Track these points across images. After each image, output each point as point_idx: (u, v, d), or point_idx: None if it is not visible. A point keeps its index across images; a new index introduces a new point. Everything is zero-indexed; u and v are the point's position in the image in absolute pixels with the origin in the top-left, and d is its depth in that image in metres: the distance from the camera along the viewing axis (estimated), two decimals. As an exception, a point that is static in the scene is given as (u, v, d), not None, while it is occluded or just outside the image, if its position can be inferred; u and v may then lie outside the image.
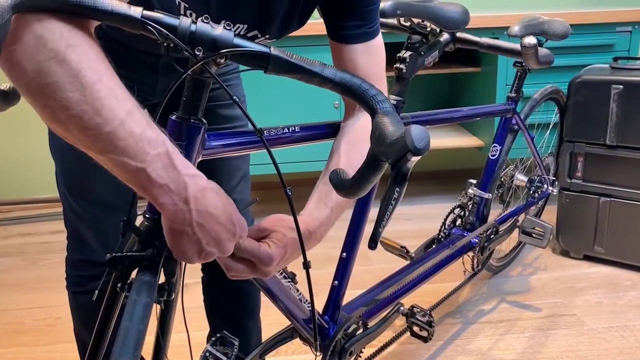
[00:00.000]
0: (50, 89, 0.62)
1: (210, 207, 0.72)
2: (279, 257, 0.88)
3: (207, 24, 0.73)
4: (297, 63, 0.78)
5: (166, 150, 0.68)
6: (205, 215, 0.71)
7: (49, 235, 2.64)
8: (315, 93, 0.93)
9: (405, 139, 0.73)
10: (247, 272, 0.88)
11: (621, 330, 1.86)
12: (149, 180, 0.67)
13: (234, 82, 1.24)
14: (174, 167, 0.68)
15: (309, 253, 0.89)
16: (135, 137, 0.65)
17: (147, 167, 0.66)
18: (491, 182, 1.90)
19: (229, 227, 0.75)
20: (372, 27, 1.01)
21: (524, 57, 1.56)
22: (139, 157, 0.66)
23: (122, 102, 0.65)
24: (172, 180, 0.68)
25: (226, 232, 0.74)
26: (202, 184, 0.72)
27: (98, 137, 0.64)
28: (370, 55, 1.02)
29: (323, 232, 0.98)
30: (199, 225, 0.71)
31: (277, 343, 1.27)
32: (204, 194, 0.71)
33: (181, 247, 0.73)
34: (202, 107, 0.79)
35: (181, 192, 0.69)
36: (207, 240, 0.73)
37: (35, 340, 1.89)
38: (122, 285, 0.81)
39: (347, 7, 0.98)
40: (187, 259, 0.75)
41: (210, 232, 0.73)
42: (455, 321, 1.94)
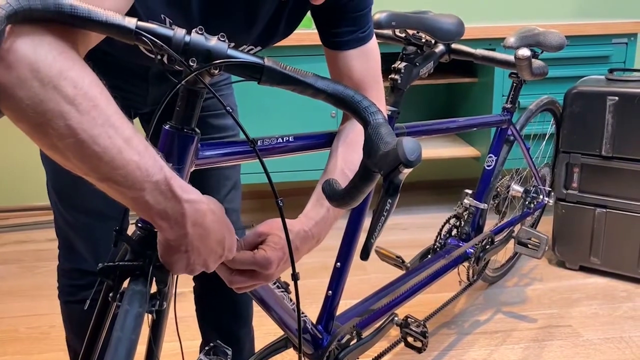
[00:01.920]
0: (47, 117, 0.61)
1: (206, 233, 0.73)
2: (278, 260, 0.89)
3: (201, 35, 0.74)
4: (290, 74, 0.79)
5: (164, 176, 0.68)
6: (201, 238, 0.73)
7: (45, 243, 2.64)
8: (312, 103, 0.93)
9: (398, 151, 0.73)
10: (250, 281, 0.90)
11: (617, 341, 1.86)
12: (147, 206, 0.68)
13: (226, 92, 1.25)
14: (172, 194, 0.69)
15: (307, 257, 0.89)
16: (133, 165, 0.65)
17: (146, 195, 0.67)
18: (487, 192, 1.90)
19: (219, 250, 0.77)
20: (365, 32, 1.01)
21: (517, 69, 1.57)
22: (137, 185, 0.66)
23: (120, 129, 0.65)
24: (169, 207, 0.69)
25: (214, 256, 0.77)
26: (201, 208, 0.72)
27: (97, 166, 0.64)
28: (365, 60, 1.02)
29: (320, 232, 0.98)
30: (193, 246, 0.73)
31: (271, 353, 1.27)
32: (203, 218, 0.72)
33: (171, 259, 0.75)
34: (196, 117, 0.80)
35: (178, 218, 0.70)
36: (195, 258, 0.75)
37: (29, 349, 1.89)
38: (114, 295, 0.80)
39: (339, 14, 0.98)
40: (173, 270, 0.77)
41: (202, 255, 0.75)
42: (451, 332, 1.94)
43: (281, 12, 0.96)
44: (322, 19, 1.00)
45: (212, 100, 1.18)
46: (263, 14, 0.94)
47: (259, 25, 0.96)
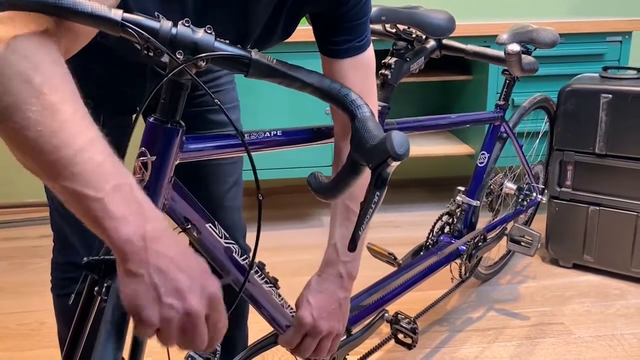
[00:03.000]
0: (10, 111, 0.59)
1: (170, 251, 0.62)
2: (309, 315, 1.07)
3: (187, 28, 0.73)
4: (277, 67, 0.79)
5: (129, 182, 0.62)
6: (164, 258, 0.61)
7: (37, 240, 2.62)
8: (306, 99, 0.92)
9: (386, 144, 0.73)
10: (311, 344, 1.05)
11: (608, 339, 1.86)
12: (105, 212, 0.60)
13: (227, 87, 1.23)
14: (135, 201, 0.62)
15: (297, 255, 0.88)
16: (94, 164, 0.60)
17: (105, 197, 0.60)
18: (479, 189, 1.90)
19: (192, 276, 0.62)
20: (361, 41, 1.00)
21: (507, 64, 1.56)
22: (98, 185, 0.60)
23: (84, 128, 0.61)
24: (131, 212, 0.61)
25: (188, 282, 0.62)
26: (162, 224, 0.64)
27: (54, 162, 0.59)
28: (359, 70, 1.01)
29: (339, 266, 1.11)
30: (156, 269, 0.60)
31: (260, 349, 1.26)
32: (167, 236, 0.63)
33: (135, 297, 0.61)
34: (180, 109, 0.79)
35: (139, 228, 0.60)
36: (165, 288, 0.61)
37: (19, 345, 1.88)
38: (99, 289, 0.80)
39: (336, 22, 0.97)
40: (143, 315, 0.61)
41: (170, 280, 0.61)
42: (443, 329, 1.93)
43: (279, 13, 0.96)
44: (320, 26, 1.00)
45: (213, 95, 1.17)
46: (260, 17, 0.94)
47: (256, 28, 0.95)
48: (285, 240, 2.59)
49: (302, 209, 2.94)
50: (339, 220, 1.10)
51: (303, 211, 2.92)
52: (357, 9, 0.97)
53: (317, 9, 0.97)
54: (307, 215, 2.89)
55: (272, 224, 2.75)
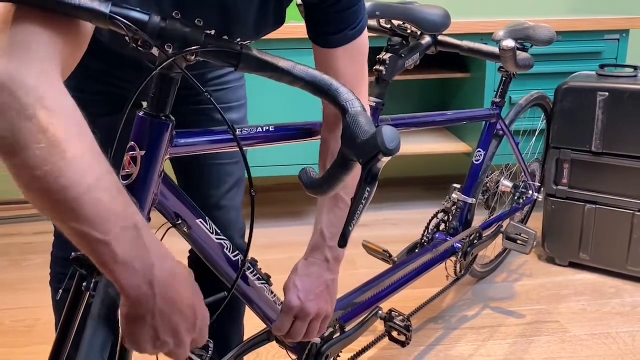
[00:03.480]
0: (16, 148, 0.58)
1: (176, 295, 0.65)
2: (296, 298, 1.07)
3: (177, 21, 0.72)
4: (268, 61, 0.78)
5: (135, 224, 0.62)
6: (169, 302, 0.64)
7: (32, 237, 2.62)
8: (303, 96, 0.92)
9: (377, 140, 0.72)
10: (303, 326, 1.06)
11: (604, 337, 1.86)
12: (112, 256, 0.60)
13: (235, 85, 1.21)
14: (142, 244, 0.62)
15: (291, 252, 0.88)
16: (102, 206, 0.59)
17: (112, 240, 0.60)
18: (475, 187, 1.90)
19: (190, 318, 0.68)
20: (354, 28, 0.98)
21: (502, 60, 1.56)
22: (104, 228, 0.59)
23: (92, 166, 0.60)
24: (138, 258, 0.61)
25: (185, 324, 0.67)
26: (171, 266, 0.65)
27: (62, 202, 0.59)
28: (352, 58, 1.00)
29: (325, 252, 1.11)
30: (160, 312, 0.64)
31: (253, 346, 1.25)
32: (173, 279, 0.65)
33: (136, 334, 0.66)
34: (170, 103, 0.78)
35: (147, 273, 0.62)
36: (164, 329, 0.66)
37: (13, 342, 1.87)
38: (87, 284, 0.79)
39: (327, 11, 0.95)
40: (140, 347, 0.67)
41: (170, 322, 0.65)
42: (438, 327, 1.93)
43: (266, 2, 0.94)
44: (311, 15, 0.97)
45: (218, 94, 1.16)
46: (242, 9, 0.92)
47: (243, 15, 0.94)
48: (279, 238, 2.59)
49: (296, 206, 2.93)
50: (326, 207, 1.09)
51: (297, 208, 2.91)
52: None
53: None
54: (301, 212, 2.88)
55: (266, 221, 2.75)
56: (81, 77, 1.00)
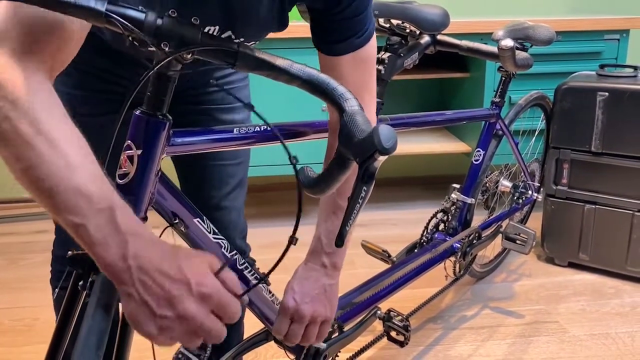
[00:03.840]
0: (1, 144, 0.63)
1: (153, 262, 0.64)
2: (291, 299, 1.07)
3: (173, 19, 0.72)
4: (264, 59, 0.77)
5: (109, 206, 0.64)
6: (147, 271, 0.63)
7: (31, 235, 2.61)
8: (302, 95, 0.91)
9: (374, 138, 0.72)
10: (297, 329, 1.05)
11: (603, 338, 1.86)
12: (89, 237, 0.63)
13: (238, 85, 1.21)
14: (115, 225, 0.63)
15: (291, 252, 0.88)
16: (77, 192, 0.62)
17: (87, 223, 0.62)
18: (474, 187, 1.89)
19: (180, 278, 0.64)
20: (361, 36, 0.96)
21: (501, 60, 1.56)
22: (79, 213, 0.62)
23: (65, 155, 0.63)
24: (112, 237, 0.63)
25: (177, 286, 0.64)
26: (144, 239, 0.65)
27: (43, 192, 0.63)
28: (358, 66, 0.98)
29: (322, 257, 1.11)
30: (141, 283, 0.63)
31: (252, 346, 1.25)
32: (146, 250, 0.64)
33: (133, 315, 0.65)
34: (167, 102, 0.78)
35: (121, 249, 0.63)
36: (156, 301, 0.63)
37: (12, 341, 1.87)
38: (84, 283, 0.79)
39: (333, 19, 0.93)
40: (143, 330, 0.65)
41: (157, 290, 0.63)
42: (437, 326, 1.93)
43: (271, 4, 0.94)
44: (316, 22, 0.96)
45: (222, 94, 1.15)
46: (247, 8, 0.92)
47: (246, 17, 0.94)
48: (280, 237, 2.56)
49: (295, 205, 2.92)
50: (324, 214, 1.10)
51: (296, 208, 2.90)
52: (354, 6, 0.92)
53: (313, 4, 0.93)
54: (303, 212, 2.88)
55: (267, 220, 2.74)
56: (82, 74, 1.00)
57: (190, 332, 0.65)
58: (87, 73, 1.01)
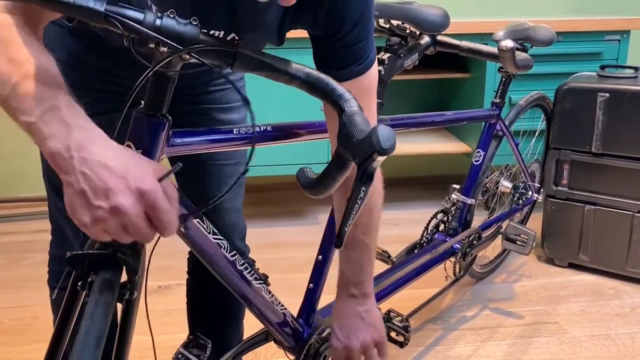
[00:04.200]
0: None
1: (96, 155, 0.66)
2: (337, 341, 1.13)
3: (172, 19, 0.72)
4: (264, 60, 0.77)
5: (57, 104, 0.68)
6: (89, 162, 0.66)
7: (32, 234, 2.62)
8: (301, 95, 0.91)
9: (372, 139, 0.72)
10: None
11: (603, 339, 1.86)
12: (40, 134, 0.67)
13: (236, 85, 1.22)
14: (61, 118, 0.68)
15: (291, 252, 0.88)
16: (28, 95, 0.68)
17: (38, 120, 0.67)
18: (474, 187, 1.89)
19: (120, 172, 0.66)
20: (361, 63, 0.95)
21: (501, 61, 1.56)
22: (30, 112, 0.68)
23: (21, 65, 0.69)
24: (59, 131, 0.67)
25: (116, 181, 0.66)
26: (89, 133, 0.68)
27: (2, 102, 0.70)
28: (358, 94, 0.98)
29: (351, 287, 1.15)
30: (82, 174, 0.66)
31: (251, 346, 1.26)
32: (90, 141, 0.67)
33: (69, 203, 0.68)
34: (167, 102, 0.78)
35: (65, 141, 0.66)
36: (93, 190, 0.66)
37: (12, 340, 1.87)
38: (83, 283, 0.79)
39: (333, 46, 0.93)
40: (78, 219, 0.68)
41: (96, 180, 0.66)
42: (437, 327, 1.93)
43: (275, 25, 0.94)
44: (317, 49, 0.96)
45: (220, 94, 1.15)
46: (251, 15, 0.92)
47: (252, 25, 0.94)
48: (280, 237, 2.58)
49: (296, 205, 2.93)
50: (346, 246, 1.11)
51: (297, 208, 2.91)
52: (355, 33, 0.91)
53: (313, 31, 0.93)
54: (302, 212, 2.88)
55: (266, 220, 2.75)
56: (80, 75, 1.00)
57: (122, 226, 0.67)
58: (84, 73, 1.01)
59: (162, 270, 1.17)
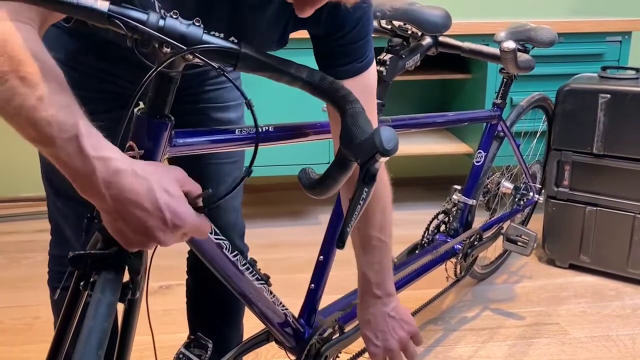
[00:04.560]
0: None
1: (126, 192, 0.67)
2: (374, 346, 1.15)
3: (175, 19, 0.72)
4: (266, 61, 0.78)
5: (75, 134, 0.66)
6: (122, 200, 0.67)
7: (32, 234, 2.62)
8: (302, 96, 0.91)
9: (375, 140, 0.72)
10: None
11: (604, 340, 1.86)
12: (64, 165, 0.67)
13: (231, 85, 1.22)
14: (81, 151, 0.66)
15: (293, 252, 0.89)
16: (44, 123, 0.65)
17: (58, 151, 0.66)
18: (475, 188, 1.89)
19: (155, 213, 0.69)
20: (362, 62, 0.97)
21: (503, 62, 1.56)
22: (49, 142, 0.66)
23: (34, 87, 0.65)
24: (80, 164, 0.66)
25: (152, 219, 0.69)
26: (114, 166, 0.67)
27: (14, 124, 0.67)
28: (358, 91, 0.98)
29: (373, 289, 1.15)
30: (117, 212, 0.68)
31: (252, 346, 1.26)
32: (118, 177, 0.67)
33: (110, 230, 0.72)
34: (169, 103, 0.78)
35: (90, 176, 0.66)
36: (131, 229, 0.69)
37: (12, 340, 1.87)
38: (85, 284, 0.79)
39: (334, 45, 0.95)
40: (121, 242, 0.73)
41: (132, 220, 0.69)
42: (438, 328, 1.93)
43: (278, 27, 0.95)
44: (319, 47, 0.98)
45: (216, 93, 1.16)
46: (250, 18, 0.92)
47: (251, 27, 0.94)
48: (281, 237, 2.59)
49: (297, 206, 2.93)
50: (361, 248, 1.14)
51: (298, 208, 2.91)
52: (355, 32, 0.94)
53: (314, 31, 0.95)
54: (303, 212, 2.88)
55: (268, 220, 2.75)
56: (81, 75, 1.01)
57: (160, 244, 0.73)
58: (83, 73, 1.01)
59: (162, 270, 1.17)
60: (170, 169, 0.74)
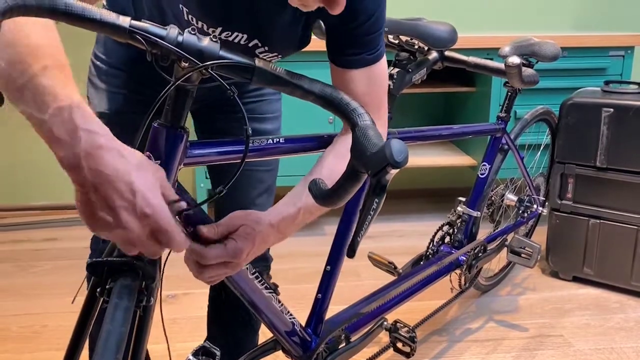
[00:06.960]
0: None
1: (105, 168, 0.67)
2: (248, 250, 0.89)
3: (193, 35, 0.75)
4: (280, 75, 0.80)
5: (69, 104, 0.67)
6: (99, 175, 0.67)
7: (42, 243, 2.63)
8: (310, 108, 0.94)
9: (385, 152, 0.74)
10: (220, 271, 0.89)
11: (607, 352, 1.86)
12: (50, 134, 0.67)
13: (270, 98, 1.26)
14: (71, 120, 0.67)
15: (301, 262, 0.89)
16: (42, 90, 0.67)
17: (48, 119, 0.66)
18: (480, 200, 1.91)
19: (127, 194, 0.68)
20: (373, 53, 1.00)
21: (508, 77, 1.58)
22: (42, 109, 0.67)
23: (41, 58, 0.68)
24: (67, 133, 0.66)
25: (121, 200, 0.67)
26: (99, 141, 0.67)
27: (12, 89, 0.68)
28: (369, 82, 1.01)
29: (286, 228, 0.98)
30: (93, 186, 0.67)
31: (260, 355, 1.27)
32: (100, 152, 0.67)
33: (79, 207, 0.69)
34: (185, 115, 0.81)
35: (74, 146, 0.66)
36: (100, 205, 0.68)
37: (20, 348, 1.88)
38: (101, 290, 0.81)
39: (347, 35, 0.98)
40: (85, 221, 0.70)
41: (102, 195, 0.67)
42: (442, 339, 1.94)
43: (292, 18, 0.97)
44: (332, 37, 1.00)
45: (255, 105, 1.21)
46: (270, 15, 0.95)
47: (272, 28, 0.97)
48: (287, 248, 2.59)
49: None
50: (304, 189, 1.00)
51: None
52: (369, 24, 0.97)
53: (331, 20, 0.97)
54: (309, 223, 2.89)
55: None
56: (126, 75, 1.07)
57: (126, 241, 0.70)
58: (130, 77, 1.08)
59: (167, 279, 1.18)
60: (158, 168, 0.75)
